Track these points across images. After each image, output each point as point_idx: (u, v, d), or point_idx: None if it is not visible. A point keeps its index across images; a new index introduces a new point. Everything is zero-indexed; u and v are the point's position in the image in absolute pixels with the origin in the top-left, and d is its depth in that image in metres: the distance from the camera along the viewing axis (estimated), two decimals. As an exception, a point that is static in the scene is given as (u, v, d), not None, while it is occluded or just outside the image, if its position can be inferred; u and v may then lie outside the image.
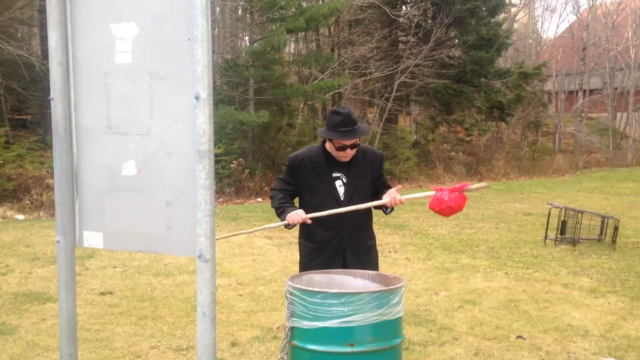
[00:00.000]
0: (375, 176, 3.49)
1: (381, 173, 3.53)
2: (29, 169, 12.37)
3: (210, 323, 2.17)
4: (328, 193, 3.39)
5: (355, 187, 3.40)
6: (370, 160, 3.47)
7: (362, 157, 3.45)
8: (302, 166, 3.42)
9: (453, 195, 3.09)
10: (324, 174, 3.41)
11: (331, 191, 3.39)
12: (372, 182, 3.47)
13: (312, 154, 3.46)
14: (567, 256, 7.83)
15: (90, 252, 7.24)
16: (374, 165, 3.49)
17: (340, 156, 3.39)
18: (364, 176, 3.43)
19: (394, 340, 2.81)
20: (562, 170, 21.91)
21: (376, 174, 3.49)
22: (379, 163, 3.53)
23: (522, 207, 12.68)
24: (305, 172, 3.42)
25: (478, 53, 19.63)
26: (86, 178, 2.43)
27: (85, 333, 4.60)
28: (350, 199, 3.37)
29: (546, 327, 4.99)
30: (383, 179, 3.54)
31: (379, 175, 3.51)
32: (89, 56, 2.39)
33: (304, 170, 3.42)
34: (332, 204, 3.35)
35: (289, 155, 3.54)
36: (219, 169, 13.77)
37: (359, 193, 3.39)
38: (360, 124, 3.41)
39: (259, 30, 16.50)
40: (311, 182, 3.41)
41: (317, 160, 3.42)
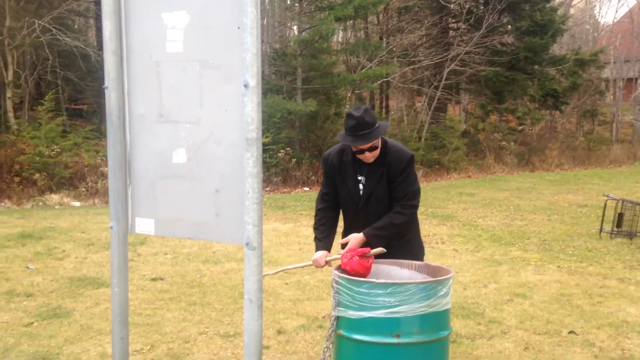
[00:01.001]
0: (392, 179, 3.24)
1: (399, 177, 3.23)
2: (85, 157, 12.79)
3: (257, 310, 2.20)
4: (350, 195, 3.34)
5: (370, 192, 3.28)
6: (389, 163, 3.23)
7: (382, 161, 3.24)
8: (332, 166, 3.38)
9: (353, 261, 3.00)
10: (350, 175, 3.32)
11: (353, 193, 3.33)
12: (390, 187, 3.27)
13: (342, 153, 3.36)
14: (623, 250, 7.55)
15: (142, 238, 7.43)
16: (392, 167, 3.23)
17: (361, 158, 3.25)
18: (379, 182, 3.25)
19: (441, 333, 2.77)
20: (620, 161, 21.11)
21: (392, 176, 3.23)
22: (399, 166, 3.22)
23: (576, 198, 12.29)
24: (334, 172, 3.37)
25: (532, 39, 19.03)
26: (139, 166, 2.49)
27: (136, 317, 4.74)
28: (366, 203, 3.29)
29: (600, 323, 4.83)
30: (401, 184, 3.23)
31: (395, 178, 3.23)
32: (141, 45, 2.43)
33: (334, 170, 3.37)
34: (352, 205, 3.34)
35: (323, 154, 3.48)
36: (266, 157, 13.88)
37: (374, 198, 3.28)
38: (381, 122, 3.22)
39: (308, 19, 16.49)
40: (339, 182, 3.37)
41: (345, 161, 3.32)
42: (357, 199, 3.32)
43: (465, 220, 9.69)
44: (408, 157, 3.27)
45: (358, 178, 3.32)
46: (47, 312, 4.88)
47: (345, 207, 3.41)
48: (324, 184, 3.47)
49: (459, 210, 10.49)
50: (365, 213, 3.30)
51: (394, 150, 3.28)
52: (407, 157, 3.26)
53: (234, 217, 2.28)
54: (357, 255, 3.03)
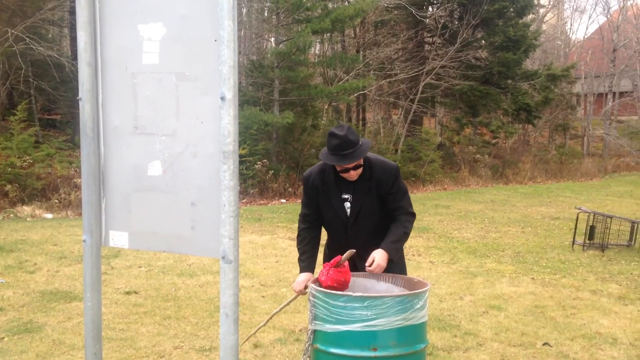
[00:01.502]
0: (384, 193, 3.25)
1: (392, 190, 3.25)
2: (58, 168, 12.59)
3: (233, 324, 2.17)
4: (337, 214, 3.31)
5: (359, 208, 3.26)
6: (378, 178, 3.23)
7: (368, 176, 3.24)
8: (313, 187, 3.34)
9: (330, 274, 3.00)
10: (334, 194, 3.29)
11: (339, 212, 3.30)
12: (380, 200, 3.27)
13: (323, 173, 3.32)
14: (595, 262, 7.68)
15: (116, 251, 7.32)
16: (382, 182, 3.24)
17: (345, 177, 3.24)
18: (368, 197, 3.25)
19: (417, 346, 2.78)
20: (591, 174, 21.53)
21: (384, 191, 3.25)
22: (389, 179, 3.24)
23: (549, 211, 12.47)
24: (317, 193, 3.34)
25: (505, 54, 19.40)
26: (113, 178, 2.45)
27: (110, 332, 4.65)
28: (356, 220, 3.28)
29: (574, 335, 4.89)
30: (395, 195, 3.26)
31: (388, 192, 3.25)
32: (117, 57, 2.41)
33: (316, 192, 3.34)
34: (340, 225, 3.33)
35: (303, 174, 3.44)
36: (243, 169, 13.84)
37: (364, 213, 3.26)
38: (363, 140, 3.20)
39: (285, 31, 16.56)
40: (323, 202, 3.34)
41: (327, 181, 3.29)
42: (345, 218, 3.30)
43: (441, 232, 9.76)
44: (395, 169, 3.30)
45: (343, 197, 3.29)
46: (18, 327, 4.77)
47: (332, 227, 3.39)
48: (305, 205, 3.43)
49: (435, 223, 10.56)
50: (355, 231, 3.28)
51: (378, 164, 3.27)
52: (393, 169, 3.29)
53: (210, 230, 2.26)
54: (331, 267, 3.03)
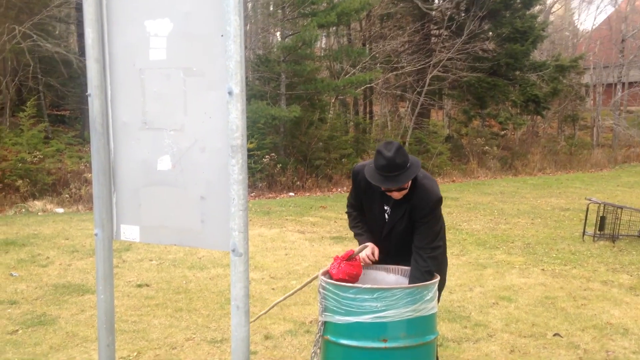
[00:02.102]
0: (416, 219, 3.18)
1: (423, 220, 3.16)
2: (68, 163, 12.67)
3: (244, 316, 2.19)
4: (375, 219, 3.32)
5: (393, 225, 3.25)
6: (416, 204, 3.16)
7: (409, 197, 3.17)
8: (359, 187, 3.32)
9: (342, 266, 3.01)
10: (376, 202, 3.28)
11: (378, 219, 3.30)
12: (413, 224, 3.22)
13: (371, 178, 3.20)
14: (606, 253, 7.65)
15: (128, 245, 7.38)
16: (417, 208, 3.16)
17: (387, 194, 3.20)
18: (402, 218, 3.21)
19: (427, 337, 2.79)
20: (601, 165, 21.40)
21: (417, 217, 3.17)
22: (424, 209, 3.15)
23: (559, 202, 12.42)
24: (362, 194, 3.34)
25: (513, 46, 19.26)
26: (123, 173, 2.48)
27: (122, 324, 4.70)
28: (389, 234, 3.28)
29: (584, 325, 4.88)
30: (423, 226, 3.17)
31: (419, 219, 3.17)
32: (124, 53, 2.42)
33: (361, 191, 3.33)
34: (377, 228, 3.33)
35: (354, 166, 3.37)
36: (251, 163, 13.85)
37: (396, 231, 3.25)
38: (412, 160, 3.11)
39: (291, 25, 16.52)
40: (366, 203, 3.35)
41: (374, 188, 3.21)
42: (382, 225, 3.30)
43: (450, 224, 9.75)
44: (434, 201, 3.17)
45: (384, 208, 3.27)
46: (32, 319, 4.83)
47: (370, 227, 3.40)
48: (352, 196, 3.44)
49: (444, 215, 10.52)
50: (388, 242, 3.29)
51: (422, 190, 3.17)
52: (433, 201, 3.16)
53: (219, 223, 2.28)
54: (342, 260, 3.04)
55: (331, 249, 7.77)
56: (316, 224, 9.68)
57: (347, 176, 15.74)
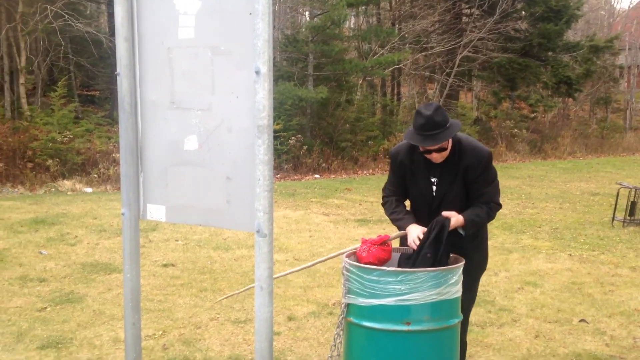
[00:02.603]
0: (471, 180, 3.07)
1: (479, 178, 3.07)
2: (97, 143, 12.87)
3: (268, 297, 2.20)
4: (422, 194, 3.20)
5: (444, 193, 3.13)
6: (466, 164, 3.05)
7: (457, 161, 3.06)
8: (402, 165, 3.22)
9: (373, 250, 2.95)
10: (422, 175, 3.16)
11: (426, 194, 3.19)
12: (466, 187, 3.11)
13: (412, 151, 3.17)
14: (636, 238, 7.50)
15: (154, 225, 7.48)
16: (471, 168, 3.05)
17: (428, 158, 3.10)
18: (454, 183, 3.10)
19: (451, 320, 2.77)
20: (633, 149, 20.92)
21: (472, 177, 3.06)
22: (478, 166, 3.05)
23: (588, 186, 12.19)
24: (405, 170, 3.22)
25: (546, 25, 18.83)
26: (150, 152, 2.49)
27: (148, 303, 4.78)
28: (440, 204, 3.14)
29: (611, 312, 4.81)
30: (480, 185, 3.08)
31: (475, 179, 3.07)
32: (153, 32, 2.42)
33: (404, 169, 3.23)
34: (424, 204, 3.21)
35: (390, 150, 3.31)
36: (277, 144, 13.88)
37: (449, 199, 3.12)
38: (452, 121, 3.02)
39: (320, 4, 16.39)
40: (410, 180, 3.23)
41: (416, 160, 3.15)
42: (430, 199, 3.17)
43: (476, 208, 9.65)
44: (486, 156, 3.08)
45: (431, 180, 3.16)
46: (60, 297, 4.94)
47: (416, 205, 3.28)
48: (391, 182, 3.32)
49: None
50: (438, 213, 3.10)
51: (470, 149, 3.09)
52: (485, 157, 3.08)
53: (244, 204, 2.28)
54: (374, 244, 3.02)
55: (355, 231, 7.77)
56: (341, 207, 9.68)
57: (373, 158, 15.68)
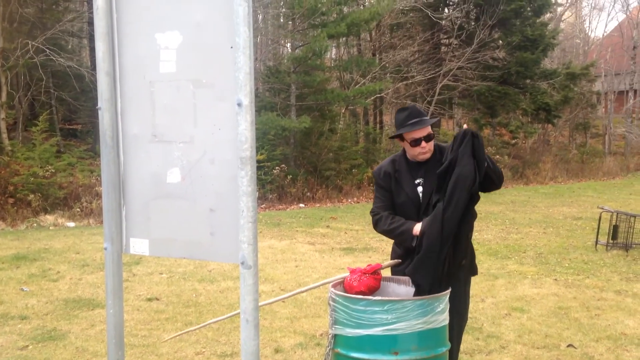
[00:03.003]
0: None
1: None
2: (79, 177, 12.76)
3: (254, 330, 2.17)
4: (409, 199, 3.30)
5: (431, 193, 3.24)
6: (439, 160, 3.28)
7: (438, 157, 3.29)
8: (386, 176, 3.36)
9: (364, 279, 2.97)
10: (406, 180, 3.31)
11: (412, 197, 3.29)
12: None
13: (394, 162, 3.39)
14: (619, 262, 7.56)
15: (138, 258, 7.39)
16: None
17: (418, 153, 3.28)
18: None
19: (439, 349, 2.76)
20: (613, 173, 21.22)
21: None
22: None
23: (571, 211, 12.31)
24: (390, 181, 3.35)
25: (523, 54, 19.24)
26: (132, 186, 2.48)
27: (132, 339, 4.69)
28: (429, 205, 3.23)
29: (598, 336, 4.81)
30: None
31: None
32: (135, 66, 2.43)
33: (388, 179, 3.35)
34: (413, 209, 3.29)
35: (373, 171, 3.44)
36: (261, 174, 13.88)
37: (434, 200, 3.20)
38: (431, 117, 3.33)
39: (301, 36, 16.61)
40: (395, 189, 3.34)
41: (399, 169, 3.34)
42: (418, 202, 3.30)
43: (461, 234, 9.68)
44: None
45: (416, 182, 3.31)
46: (42, 334, 4.83)
47: (405, 214, 3.33)
48: (379, 199, 3.39)
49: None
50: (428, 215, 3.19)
51: (448, 146, 3.30)
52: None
53: (229, 236, 2.27)
54: (365, 273, 3.01)
55: (341, 260, 7.74)
56: (326, 235, 9.65)
57: (358, 186, 15.72)
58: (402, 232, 3.23)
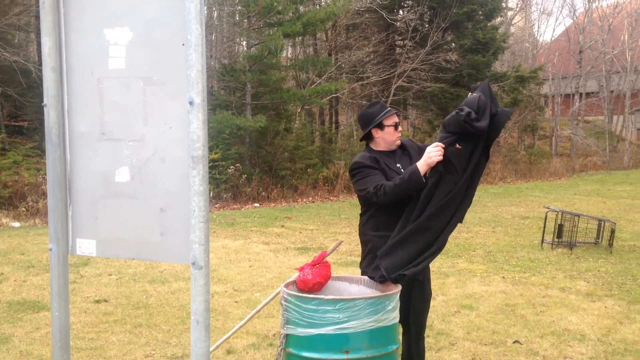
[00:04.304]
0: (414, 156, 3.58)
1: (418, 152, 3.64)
2: (25, 175, 12.34)
3: (204, 331, 2.15)
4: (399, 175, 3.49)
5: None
6: (408, 146, 3.64)
7: (402, 145, 3.61)
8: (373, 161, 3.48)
9: (315, 270, 3.02)
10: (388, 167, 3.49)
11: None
12: None
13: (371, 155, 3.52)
14: (564, 260, 7.82)
15: (86, 259, 7.21)
16: (412, 148, 3.63)
17: (395, 139, 3.53)
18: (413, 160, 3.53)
19: (389, 347, 2.79)
20: (559, 174, 21.95)
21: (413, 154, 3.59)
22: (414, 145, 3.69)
23: (519, 210, 12.67)
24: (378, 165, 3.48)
25: (475, 57, 19.68)
26: (79, 185, 2.42)
27: (79, 342, 4.57)
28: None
29: (543, 332, 4.97)
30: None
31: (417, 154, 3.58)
32: (82, 62, 2.38)
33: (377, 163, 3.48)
34: None
35: (355, 162, 3.50)
36: (215, 174, 13.74)
37: None
38: None
39: (256, 35, 16.53)
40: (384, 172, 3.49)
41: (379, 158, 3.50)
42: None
43: (413, 233, 9.82)
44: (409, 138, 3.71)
45: (397, 165, 3.52)
46: (-17, 338, 4.65)
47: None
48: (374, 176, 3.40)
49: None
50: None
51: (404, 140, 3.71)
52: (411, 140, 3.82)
53: (179, 236, 2.24)
54: (314, 264, 3.02)
55: (296, 259, 7.75)
56: (281, 235, 9.64)
57: (313, 186, 15.75)
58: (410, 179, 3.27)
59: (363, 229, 3.52)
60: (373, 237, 3.40)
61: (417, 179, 3.24)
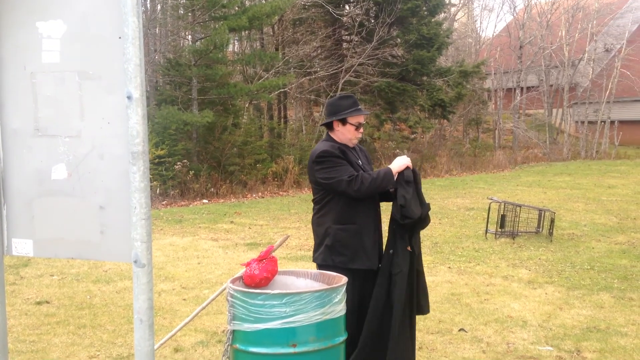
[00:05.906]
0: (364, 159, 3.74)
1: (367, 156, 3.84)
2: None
3: (148, 330, 2.12)
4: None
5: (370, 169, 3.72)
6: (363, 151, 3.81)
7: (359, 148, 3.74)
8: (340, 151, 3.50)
9: (262, 265, 3.05)
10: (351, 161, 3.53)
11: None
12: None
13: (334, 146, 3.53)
14: (506, 249, 8.08)
15: (26, 260, 6.95)
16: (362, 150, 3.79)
17: (354, 137, 3.57)
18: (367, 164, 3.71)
19: (336, 339, 2.82)
20: (502, 166, 22.60)
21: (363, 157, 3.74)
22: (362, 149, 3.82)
23: (464, 202, 12.99)
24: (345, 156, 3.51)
25: (420, 52, 19.99)
26: (13, 183, 2.33)
27: (19, 345, 4.41)
28: None
29: (487, 319, 5.12)
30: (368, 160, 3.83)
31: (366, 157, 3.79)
32: (14, 55, 2.29)
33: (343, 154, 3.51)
34: None
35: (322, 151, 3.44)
36: (162, 170, 13.49)
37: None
38: None
39: (201, 28, 16.28)
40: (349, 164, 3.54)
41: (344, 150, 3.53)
42: None
43: (362, 226, 9.92)
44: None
45: (358, 162, 3.60)
46: None
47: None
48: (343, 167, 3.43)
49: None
50: None
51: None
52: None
53: (120, 234, 2.19)
54: (261, 259, 3.01)
55: (245, 255, 7.70)
56: (230, 231, 9.56)
57: (262, 181, 15.68)
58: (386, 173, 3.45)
59: (321, 220, 3.49)
60: (336, 230, 3.44)
61: (390, 178, 3.45)
